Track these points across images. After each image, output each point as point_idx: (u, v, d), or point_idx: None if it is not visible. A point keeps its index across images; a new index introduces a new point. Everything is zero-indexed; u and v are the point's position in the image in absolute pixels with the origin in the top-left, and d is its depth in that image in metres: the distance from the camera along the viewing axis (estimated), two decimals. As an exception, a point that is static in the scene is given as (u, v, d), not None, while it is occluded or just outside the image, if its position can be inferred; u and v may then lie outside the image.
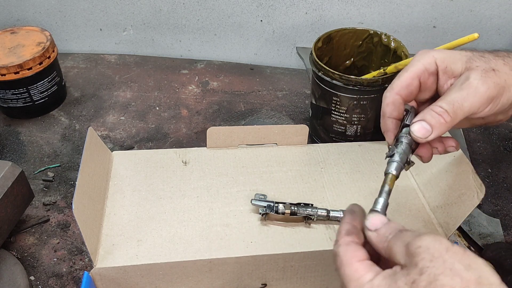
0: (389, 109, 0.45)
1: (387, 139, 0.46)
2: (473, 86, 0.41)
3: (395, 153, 0.42)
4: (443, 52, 0.45)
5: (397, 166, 0.42)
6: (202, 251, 0.48)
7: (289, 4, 0.88)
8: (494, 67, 0.43)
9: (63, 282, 0.56)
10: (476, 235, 0.61)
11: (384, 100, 0.45)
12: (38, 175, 0.69)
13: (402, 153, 0.42)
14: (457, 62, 0.44)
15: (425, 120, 0.41)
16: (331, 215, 0.51)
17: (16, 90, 0.75)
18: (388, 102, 0.45)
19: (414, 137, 0.42)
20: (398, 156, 0.42)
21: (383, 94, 0.46)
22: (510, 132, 0.79)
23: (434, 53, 0.45)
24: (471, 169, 0.50)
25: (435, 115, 0.41)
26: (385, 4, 0.87)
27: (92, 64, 0.92)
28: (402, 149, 0.43)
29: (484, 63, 0.43)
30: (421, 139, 0.41)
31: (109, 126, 0.78)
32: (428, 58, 0.44)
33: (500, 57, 0.44)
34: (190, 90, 0.86)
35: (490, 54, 0.45)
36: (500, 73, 0.42)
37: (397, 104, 0.45)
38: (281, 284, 0.51)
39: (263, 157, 0.61)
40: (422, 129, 0.41)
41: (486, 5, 0.86)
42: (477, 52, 0.45)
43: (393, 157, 0.42)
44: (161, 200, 0.54)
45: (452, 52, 0.45)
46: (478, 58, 0.44)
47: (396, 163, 0.42)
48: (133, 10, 0.92)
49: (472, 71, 0.42)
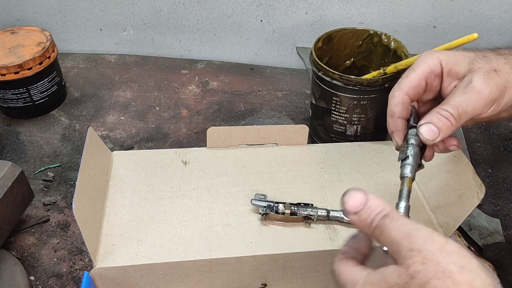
0: (398, 109, 0.45)
1: (397, 139, 0.46)
2: (476, 90, 0.42)
3: (409, 155, 0.43)
4: (446, 54, 0.45)
5: (411, 169, 0.42)
6: (202, 251, 0.48)
7: (289, 4, 0.88)
8: (495, 67, 0.43)
9: (63, 282, 0.56)
10: (476, 235, 0.61)
11: (392, 99, 0.45)
12: (38, 175, 0.69)
13: (415, 155, 0.43)
14: (460, 64, 0.44)
15: (432, 123, 0.42)
16: (331, 215, 0.51)
17: (16, 90, 0.75)
18: (398, 102, 0.45)
19: (423, 139, 0.42)
20: (412, 159, 0.43)
21: (390, 94, 0.46)
22: (510, 132, 0.79)
23: (438, 54, 0.45)
24: (471, 169, 0.50)
25: (441, 118, 0.42)
26: (385, 4, 0.87)
27: (92, 64, 0.92)
28: (415, 152, 0.43)
29: (486, 64, 0.43)
30: (429, 141, 0.42)
31: (109, 126, 0.78)
32: (434, 60, 0.45)
33: (502, 56, 0.45)
34: (190, 90, 0.86)
35: (492, 52, 0.45)
36: (502, 72, 0.43)
37: (406, 104, 0.45)
38: (281, 284, 0.51)
39: (263, 157, 0.61)
40: (430, 131, 0.42)
41: (486, 5, 0.86)
42: (479, 52, 0.45)
43: (406, 160, 0.43)
44: (161, 200, 0.54)
45: (455, 53, 0.45)
46: (480, 58, 0.44)
47: (411, 166, 0.42)
48: (133, 10, 0.92)
49: (475, 73, 0.43)
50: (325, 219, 0.52)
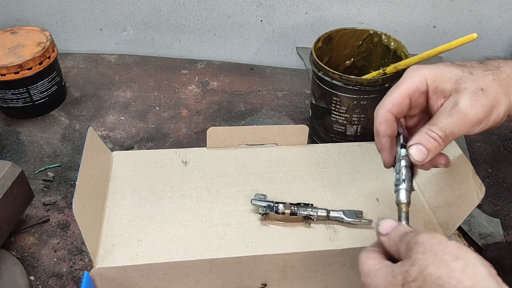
0: (382, 128, 0.45)
1: (384, 158, 0.47)
2: (462, 112, 0.42)
3: (405, 180, 0.44)
4: (433, 71, 0.45)
5: (407, 194, 0.43)
6: (202, 251, 0.48)
7: (289, 4, 0.88)
8: (482, 86, 0.43)
9: (63, 282, 0.56)
10: (476, 235, 0.61)
11: (377, 118, 0.45)
12: (38, 175, 0.69)
13: (409, 179, 0.44)
14: (446, 82, 0.44)
15: (421, 144, 0.42)
16: (331, 215, 0.51)
17: (16, 90, 0.75)
18: (381, 120, 0.45)
19: (413, 160, 0.43)
20: (407, 184, 0.44)
21: (374, 111, 0.46)
22: (510, 132, 0.79)
23: (425, 70, 0.45)
24: (471, 169, 0.50)
25: (430, 139, 0.42)
26: (385, 4, 0.87)
27: (92, 64, 0.92)
28: (409, 176, 0.44)
29: (473, 83, 0.43)
30: (419, 163, 0.43)
31: (109, 126, 0.78)
32: (419, 77, 0.44)
33: (489, 71, 0.45)
34: (190, 90, 0.86)
35: (480, 68, 0.45)
36: (488, 92, 0.43)
37: (389, 121, 0.45)
38: (281, 284, 0.51)
39: (263, 157, 0.61)
40: (420, 152, 0.42)
41: (486, 5, 0.86)
42: (466, 68, 0.45)
43: (402, 184, 0.44)
44: (161, 200, 0.54)
45: (441, 70, 0.45)
46: (467, 77, 0.44)
47: (407, 191, 0.43)
48: (133, 10, 0.92)
49: (461, 94, 0.43)
50: (325, 219, 0.52)
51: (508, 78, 0.44)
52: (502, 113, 0.44)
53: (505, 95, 0.44)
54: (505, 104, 0.44)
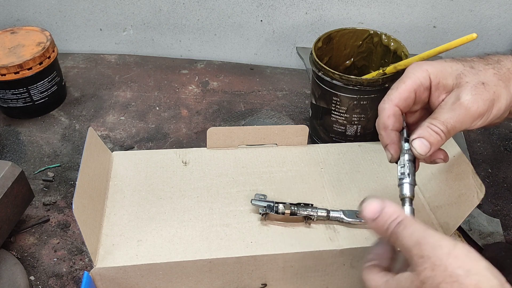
0: (391, 121, 0.45)
1: (392, 152, 0.46)
2: (463, 106, 0.43)
3: (410, 174, 0.44)
4: (435, 66, 0.45)
5: (411, 188, 0.43)
6: (202, 251, 0.48)
7: (289, 4, 0.88)
8: (483, 80, 0.43)
9: (63, 282, 0.56)
10: (476, 235, 0.61)
11: (383, 112, 0.45)
12: (38, 175, 0.69)
13: (413, 173, 0.44)
14: (448, 77, 0.44)
15: (424, 137, 0.42)
16: (331, 215, 0.51)
17: (16, 90, 0.75)
18: (389, 114, 0.45)
19: (415, 153, 0.43)
20: (412, 178, 0.44)
21: (379, 106, 0.46)
22: (510, 132, 0.79)
23: (427, 66, 0.45)
24: (471, 169, 0.50)
25: (433, 133, 0.43)
26: (385, 4, 0.87)
27: (92, 64, 0.92)
28: (413, 170, 0.44)
29: (474, 77, 0.44)
30: (422, 156, 0.43)
31: (109, 126, 0.78)
32: (423, 72, 0.45)
33: (490, 65, 0.45)
34: (190, 90, 0.86)
35: (480, 62, 0.45)
36: (489, 86, 0.43)
37: (397, 116, 0.45)
38: (281, 284, 0.51)
39: (263, 157, 0.61)
40: (423, 146, 0.43)
41: (486, 5, 0.86)
42: (467, 63, 0.45)
43: (406, 179, 0.44)
44: (161, 200, 0.54)
45: (443, 66, 0.45)
46: (468, 71, 0.44)
47: (410, 185, 0.43)
48: (133, 10, 0.92)
49: (463, 88, 0.43)
50: (325, 219, 0.52)
51: (508, 72, 0.45)
52: (503, 107, 0.44)
53: (505, 89, 0.44)
54: (506, 98, 0.44)
